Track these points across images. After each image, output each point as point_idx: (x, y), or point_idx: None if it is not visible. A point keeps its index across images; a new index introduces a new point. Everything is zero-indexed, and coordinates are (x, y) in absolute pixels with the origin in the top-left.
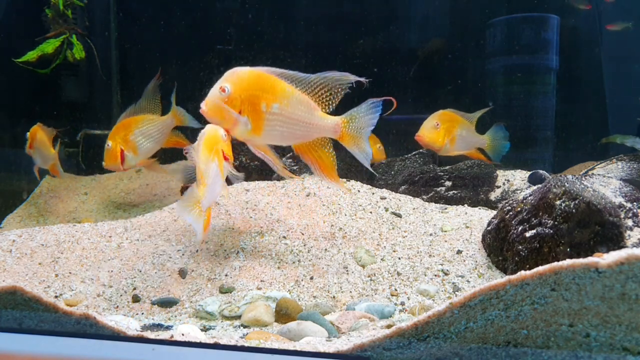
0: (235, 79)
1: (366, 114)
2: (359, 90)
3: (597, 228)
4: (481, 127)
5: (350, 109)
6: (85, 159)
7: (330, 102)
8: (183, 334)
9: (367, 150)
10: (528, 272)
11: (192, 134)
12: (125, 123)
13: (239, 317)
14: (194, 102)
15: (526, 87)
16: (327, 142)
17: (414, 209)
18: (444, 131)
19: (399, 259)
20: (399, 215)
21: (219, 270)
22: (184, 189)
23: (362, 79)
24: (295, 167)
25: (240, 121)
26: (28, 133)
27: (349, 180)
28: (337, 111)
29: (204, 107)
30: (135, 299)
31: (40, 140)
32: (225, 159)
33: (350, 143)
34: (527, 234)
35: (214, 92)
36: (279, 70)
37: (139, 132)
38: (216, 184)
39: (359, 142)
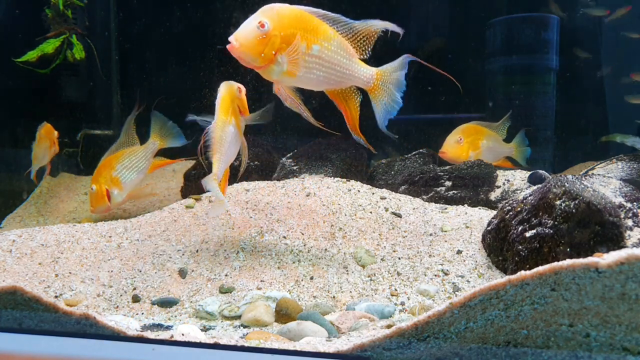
0: (274, 15)
1: (396, 71)
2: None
3: (597, 228)
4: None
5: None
6: (85, 159)
7: (365, 49)
8: (183, 334)
9: (390, 109)
10: (528, 272)
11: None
12: (106, 162)
13: (239, 317)
14: (194, 101)
15: (526, 87)
16: (357, 92)
17: (414, 209)
18: (468, 145)
19: (399, 259)
20: (399, 215)
21: (219, 270)
22: (183, 189)
23: (399, 30)
24: (295, 167)
25: (277, 61)
26: (41, 130)
27: (349, 180)
28: None
29: (235, 41)
30: (135, 299)
31: (49, 139)
32: (242, 113)
33: (377, 97)
34: (527, 234)
35: (249, 26)
36: (321, 12)
37: (121, 166)
38: (233, 145)
39: (387, 98)
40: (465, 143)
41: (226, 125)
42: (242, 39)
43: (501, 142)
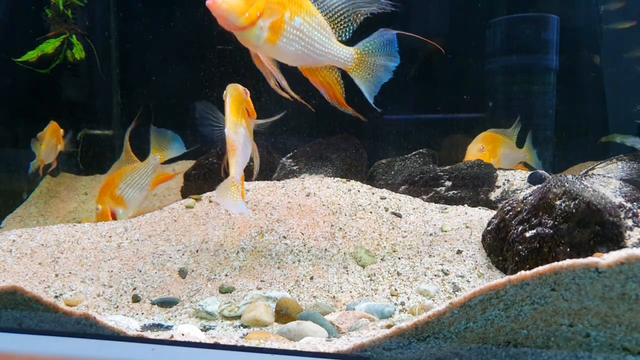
0: None
1: (382, 51)
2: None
3: (597, 228)
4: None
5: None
6: (85, 159)
7: (347, 30)
8: (183, 334)
9: (376, 82)
10: (528, 272)
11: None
12: (109, 181)
13: (239, 317)
14: (194, 101)
15: (526, 87)
16: (335, 70)
17: (414, 209)
18: (489, 153)
19: (399, 259)
20: (399, 215)
21: (219, 270)
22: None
23: (389, 7)
24: (295, 167)
25: (258, 25)
26: (48, 128)
27: (349, 180)
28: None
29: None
30: (135, 299)
31: (56, 137)
32: (250, 115)
33: (360, 75)
34: (527, 234)
35: None
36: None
37: (124, 184)
38: (247, 147)
39: (372, 73)
40: (487, 151)
41: (238, 127)
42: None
43: (515, 149)
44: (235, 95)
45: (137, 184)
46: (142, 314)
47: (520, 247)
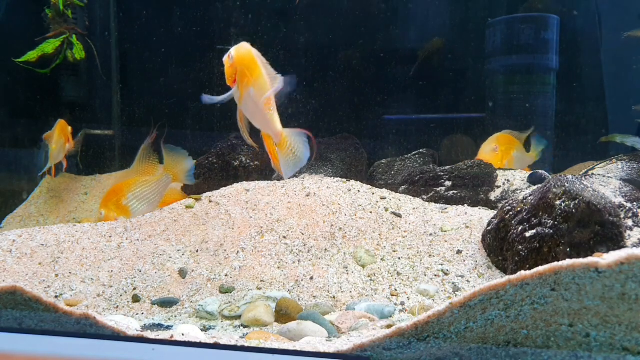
0: (238, 51)
1: (300, 147)
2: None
3: (597, 228)
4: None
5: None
6: (85, 159)
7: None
8: (183, 334)
9: (292, 166)
10: (528, 272)
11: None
12: (117, 188)
13: (239, 317)
14: (194, 102)
15: (526, 87)
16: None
17: (414, 209)
18: (502, 154)
19: (399, 259)
20: (399, 215)
21: (219, 270)
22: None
23: (282, 86)
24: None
25: (234, 89)
26: (56, 127)
27: (349, 180)
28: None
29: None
30: (135, 299)
31: (64, 136)
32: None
33: (282, 152)
34: (527, 234)
35: (227, 54)
36: (263, 60)
37: (132, 195)
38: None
39: (288, 156)
40: (500, 152)
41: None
42: (224, 61)
43: (525, 153)
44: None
45: (147, 199)
46: (142, 314)
47: (520, 247)
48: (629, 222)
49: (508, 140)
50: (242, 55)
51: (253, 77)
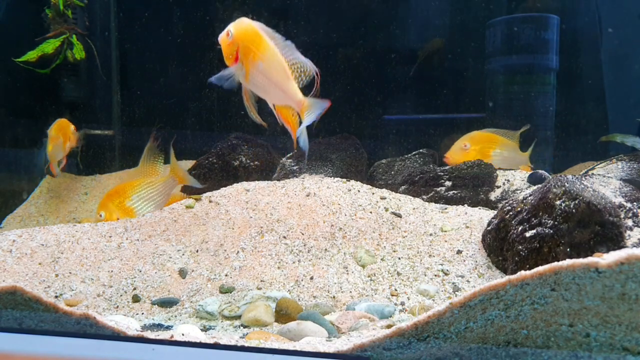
0: (238, 27)
1: (315, 109)
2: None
3: (597, 228)
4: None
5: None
6: (85, 159)
7: (300, 80)
8: (183, 334)
9: (302, 133)
10: (528, 272)
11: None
12: (119, 189)
13: (239, 317)
14: (194, 101)
15: (526, 87)
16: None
17: (414, 209)
18: (475, 152)
19: (399, 259)
20: (399, 215)
21: (219, 270)
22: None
23: (315, 71)
24: (295, 168)
25: (236, 67)
26: (52, 127)
27: (349, 180)
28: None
29: (219, 39)
30: (135, 299)
31: (63, 135)
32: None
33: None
34: (527, 234)
35: (223, 32)
36: (277, 35)
37: (137, 197)
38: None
39: (304, 124)
40: (472, 150)
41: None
42: (220, 40)
43: (518, 151)
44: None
45: (153, 200)
46: (142, 314)
47: (520, 247)
48: (629, 222)
49: (486, 138)
50: (243, 30)
51: (260, 51)
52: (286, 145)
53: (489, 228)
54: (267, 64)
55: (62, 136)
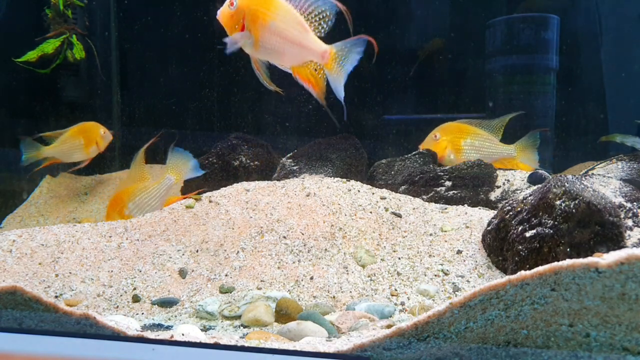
0: None
1: (353, 49)
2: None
3: (597, 228)
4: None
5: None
6: None
7: (321, 28)
8: (183, 334)
9: (342, 82)
10: (528, 272)
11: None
12: (117, 198)
13: (239, 317)
14: (194, 101)
15: (526, 87)
16: (320, 68)
17: (414, 209)
18: (446, 142)
19: (399, 259)
20: (399, 215)
21: (219, 270)
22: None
23: (344, 9)
24: (295, 167)
25: (243, 34)
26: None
27: (349, 180)
28: None
29: (219, 15)
30: (135, 299)
31: (87, 138)
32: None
33: (333, 72)
34: (527, 234)
35: (225, 4)
36: None
37: (132, 204)
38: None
39: (340, 74)
40: (442, 141)
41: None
42: (220, 15)
43: (496, 143)
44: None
45: (148, 205)
46: (142, 314)
47: (520, 247)
48: (629, 222)
49: (456, 129)
50: None
51: (270, 10)
52: (286, 145)
53: (489, 228)
54: (280, 22)
55: (84, 139)
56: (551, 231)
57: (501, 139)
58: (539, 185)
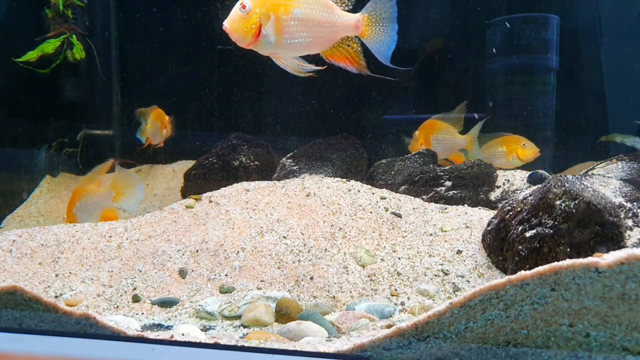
0: None
1: (384, 5)
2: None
3: (597, 228)
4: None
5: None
6: (85, 159)
7: (347, 1)
8: (183, 334)
9: (388, 43)
10: (528, 272)
11: None
12: (75, 193)
13: (239, 317)
14: (193, 102)
15: (526, 87)
16: (353, 40)
17: (414, 209)
18: (422, 139)
19: (399, 259)
20: (399, 215)
21: (219, 270)
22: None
23: None
24: (295, 167)
25: (263, 34)
26: (152, 111)
27: (349, 180)
28: None
29: (227, 25)
30: (135, 299)
31: (161, 122)
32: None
33: (372, 38)
34: (527, 234)
35: (234, 9)
36: None
37: (79, 204)
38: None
39: (383, 34)
40: (419, 138)
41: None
42: (230, 22)
43: (454, 135)
44: None
45: (86, 211)
46: (142, 314)
47: (520, 247)
48: (629, 222)
49: (429, 125)
50: None
51: (291, 1)
52: (286, 145)
53: (489, 228)
54: (304, 7)
55: (159, 122)
56: (551, 231)
57: (461, 131)
58: (539, 185)
